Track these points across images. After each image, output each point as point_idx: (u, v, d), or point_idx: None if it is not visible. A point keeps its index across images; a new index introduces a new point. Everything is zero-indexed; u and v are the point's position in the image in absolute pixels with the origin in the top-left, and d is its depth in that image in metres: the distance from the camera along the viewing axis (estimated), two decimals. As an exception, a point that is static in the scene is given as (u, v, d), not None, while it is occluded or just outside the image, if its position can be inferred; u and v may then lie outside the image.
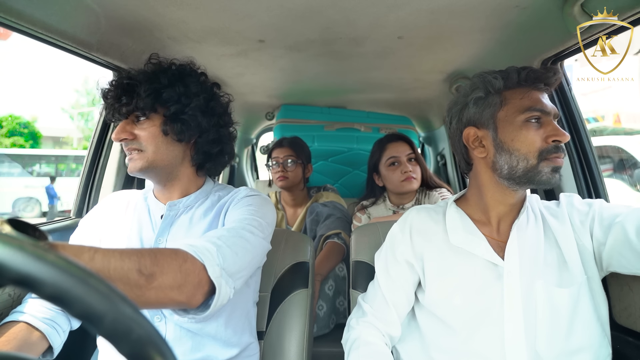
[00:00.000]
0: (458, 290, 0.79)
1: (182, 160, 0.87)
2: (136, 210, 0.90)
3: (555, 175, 0.75)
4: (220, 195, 0.91)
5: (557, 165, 0.74)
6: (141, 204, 0.92)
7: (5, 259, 0.23)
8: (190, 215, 0.87)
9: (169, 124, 0.82)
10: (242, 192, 0.89)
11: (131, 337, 0.26)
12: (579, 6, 0.88)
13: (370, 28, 1.12)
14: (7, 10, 0.77)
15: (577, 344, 0.72)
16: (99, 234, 0.88)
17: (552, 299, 0.73)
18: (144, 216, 0.89)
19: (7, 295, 0.87)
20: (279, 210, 1.86)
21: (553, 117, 0.77)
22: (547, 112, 0.76)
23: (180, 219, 0.87)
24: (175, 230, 0.85)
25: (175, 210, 0.87)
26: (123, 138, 0.81)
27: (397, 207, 1.61)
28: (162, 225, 0.85)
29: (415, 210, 0.91)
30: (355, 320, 0.87)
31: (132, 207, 0.92)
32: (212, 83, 0.92)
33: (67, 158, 11.67)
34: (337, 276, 1.52)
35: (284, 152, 1.74)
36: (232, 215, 0.82)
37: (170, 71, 0.84)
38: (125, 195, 0.96)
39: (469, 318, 0.77)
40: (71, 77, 19.59)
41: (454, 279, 0.80)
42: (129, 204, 0.93)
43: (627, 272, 0.73)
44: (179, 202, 0.88)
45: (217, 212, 0.87)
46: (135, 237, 0.85)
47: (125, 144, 0.83)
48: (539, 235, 0.79)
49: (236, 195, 0.89)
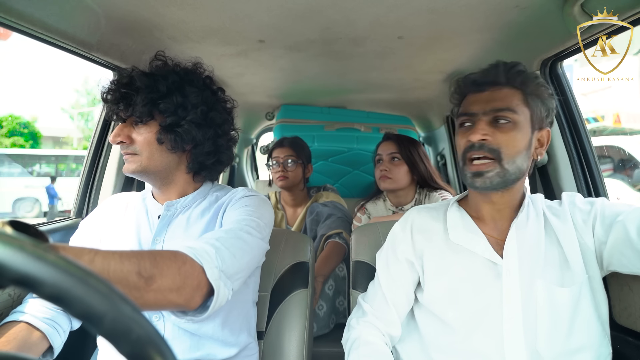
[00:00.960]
0: (457, 289, 0.79)
1: (177, 166, 0.87)
2: (134, 211, 0.91)
3: (476, 179, 0.76)
4: (218, 196, 0.91)
5: (473, 170, 0.76)
6: (139, 205, 0.92)
7: (6, 259, 0.23)
8: (187, 215, 0.87)
9: (163, 133, 0.81)
10: (240, 192, 0.89)
11: (131, 337, 0.26)
12: (579, 6, 0.88)
13: (370, 28, 1.12)
14: (7, 10, 0.77)
15: (578, 343, 0.72)
16: (99, 235, 0.89)
17: (553, 298, 0.73)
18: (142, 216, 0.89)
19: (7, 295, 0.87)
20: (279, 210, 1.86)
21: (485, 113, 0.76)
22: (473, 113, 0.77)
23: (177, 219, 0.87)
24: (173, 230, 0.85)
25: (173, 210, 0.87)
26: (119, 141, 0.81)
27: (397, 207, 1.62)
28: (159, 225, 0.85)
29: (417, 209, 0.92)
30: (355, 320, 0.87)
31: (130, 209, 0.92)
32: (217, 88, 0.91)
33: (67, 158, 11.67)
34: (337, 276, 1.52)
35: (285, 152, 1.74)
36: (230, 216, 0.82)
37: (172, 77, 0.82)
38: (125, 197, 0.97)
39: (467, 316, 0.77)
40: (71, 77, 19.61)
41: (453, 277, 0.80)
42: (128, 205, 0.93)
43: (628, 272, 0.73)
44: (177, 202, 0.88)
45: (215, 213, 0.87)
46: (133, 238, 0.86)
47: (121, 147, 0.83)
48: (539, 233, 0.79)
49: (234, 195, 0.89)
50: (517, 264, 0.76)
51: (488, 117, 0.77)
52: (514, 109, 0.75)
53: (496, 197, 0.80)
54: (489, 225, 0.82)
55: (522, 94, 0.77)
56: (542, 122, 0.79)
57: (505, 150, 0.74)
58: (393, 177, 1.55)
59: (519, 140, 0.75)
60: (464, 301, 0.78)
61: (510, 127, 0.75)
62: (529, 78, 0.78)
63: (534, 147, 0.78)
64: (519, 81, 0.77)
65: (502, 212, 0.81)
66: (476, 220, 0.83)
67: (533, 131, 0.78)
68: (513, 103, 0.76)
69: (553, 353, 0.71)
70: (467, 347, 0.76)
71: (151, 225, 0.88)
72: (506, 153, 0.74)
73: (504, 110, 0.75)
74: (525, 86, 0.77)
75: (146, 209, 0.90)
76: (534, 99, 0.77)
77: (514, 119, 0.75)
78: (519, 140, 0.75)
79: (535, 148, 0.79)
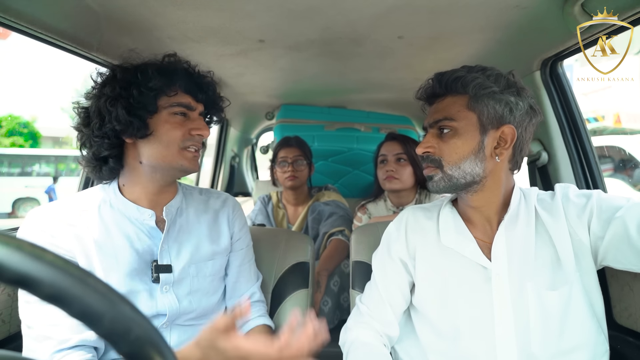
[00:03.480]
0: (447, 293, 0.78)
1: None
2: (114, 224, 0.78)
3: (428, 183, 0.80)
4: (204, 200, 0.92)
5: (426, 174, 0.81)
6: (107, 211, 0.79)
7: (3, 259, 0.23)
8: (184, 217, 0.87)
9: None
10: (242, 214, 0.98)
11: (130, 337, 0.26)
12: (579, 6, 0.87)
13: (370, 28, 1.12)
14: (6, 10, 0.77)
15: (572, 343, 0.71)
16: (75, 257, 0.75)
17: (543, 301, 0.72)
18: (128, 227, 0.79)
19: (7, 295, 0.87)
20: (280, 209, 1.87)
21: (431, 126, 0.80)
22: (424, 127, 0.83)
23: (177, 222, 0.85)
24: (177, 235, 0.84)
25: (171, 214, 0.84)
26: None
27: (397, 207, 1.62)
28: (166, 233, 0.81)
29: (412, 209, 0.91)
30: (352, 321, 0.87)
31: (93, 219, 0.77)
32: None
33: (67, 158, 11.66)
34: (342, 272, 1.53)
35: (293, 151, 1.75)
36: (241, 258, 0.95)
37: None
38: (61, 209, 0.77)
39: (459, 320, 0.76)
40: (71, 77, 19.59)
41: (443, 280, 0.79)
42: (80, 217, 0.77)
43: (621, 267, 0.72)
44: (171, 206, 0.84)
45: (213, 219, 0.90)
46: (126, 251, 0.77)
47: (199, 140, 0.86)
48: (529, 234, 0.77)
49: (237, 214, 0.95)
50: (506, 267, 0.75)
51: (434, 129, 0.79)
52: (453, 117, 0.76)
53: (471, 200, 0.80)
54: (478, 227, 0.81)
55: (468, 99, 0.76)
56: (501, 119, 0.74)
57: (447, 158, 0.76)
58: (400, 178, 1.55)
59: (460, 146, 0.75)
60: (454, 305, 0.77)
61: (451, 135, 0.76)
62: (468, 81, 0.75)
63: (490, 148, 0.75)
64: (460, 86, 0.76)
65: (485, 213, 0.80)
66: (467, 222, 0.82)
67: (485, 132, 0.75)
68: (453, 111, 0.76)
69: (547, 354, 0.71)
70: (460, 350, 0.75)
71: (148, 234, 0.80)
72: (447, 160, 0.76)
73: (442, 120, 0.77)
74: (466, 90, 0.76)
75: (128, 218, 0.80)
76: (480, 100, 0.74)
77: (453, 126, 0.76)
78: (460, 146, 0.75)
79: (495, 147, 0.75)
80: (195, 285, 0.83)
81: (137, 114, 0.75)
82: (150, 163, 0.79)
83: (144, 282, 0.78)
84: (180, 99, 0.80)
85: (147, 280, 0.78)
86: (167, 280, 0.79)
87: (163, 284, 0.79)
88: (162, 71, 0.78)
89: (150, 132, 0.77)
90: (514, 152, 0.78)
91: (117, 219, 0.79)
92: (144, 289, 0.77)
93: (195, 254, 0.84)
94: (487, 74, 0.76)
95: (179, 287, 0.81)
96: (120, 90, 0.75)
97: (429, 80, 0.83)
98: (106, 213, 0.79)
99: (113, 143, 0.76)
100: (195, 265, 0.84)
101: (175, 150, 0.79)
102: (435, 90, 0.81)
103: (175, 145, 0.79)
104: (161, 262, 0.79)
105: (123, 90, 0.75)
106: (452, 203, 0.88)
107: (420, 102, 0.87)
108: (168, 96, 0.78)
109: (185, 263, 0.82)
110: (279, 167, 1.77)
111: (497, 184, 0.78)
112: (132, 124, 0.75)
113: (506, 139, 0.75)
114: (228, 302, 0.93)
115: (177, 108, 0.79)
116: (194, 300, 0.82)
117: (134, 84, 0.75)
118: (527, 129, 0.77)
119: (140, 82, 0.75)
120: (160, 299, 0.78)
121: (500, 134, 0.75)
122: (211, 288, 0.87)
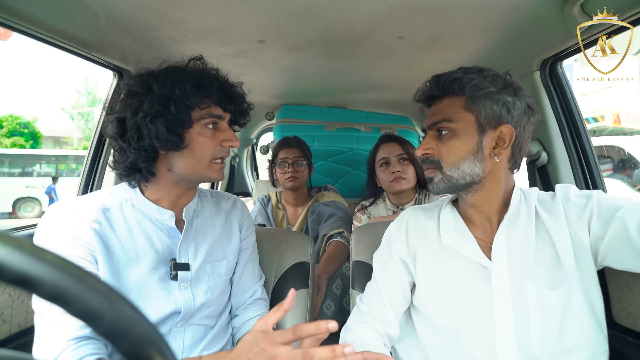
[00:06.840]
0: (448, 292, 0.79)
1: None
2: (136, 223, 0.80)
3: (429, 185, 0.81)
4: (216, 202, 0.95)
5: (426, 176, 0.82)
6: (130, 211, 0.81)
7: (4, 259, 0.23)
8: (200, 218, 0.89)
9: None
10: (249, 215, 1.01)
11: (130, 337, 0.26)
12: (579, 6, 0.88)
13: (370, 28, 1.12)
14: (7, 10, 0.78)
15: (572, 342, 0.71)
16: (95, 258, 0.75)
17: (543, 300, 0.72)
18: (149, 227, 0.81)
19: (7, 295, 0.87)
20: (280, 210, 1.86)
21: (430, 127, 0.81)
22: (423, 129, 0.84)
23: (193, 223, 0.87)
24: (194, 236, 0.86)
25: (189, 215, 0.86)
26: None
27: (397, 207, 1.62)
28: (185, 234, 0.83)
29: (413, 209, 0.91)
30: (352, 321, 0.87)
31: (116, 219, 0.79)
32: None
33: (67, 158, 11.68)
34: (344, 275, 1.52)
35: (293, 152, 1.75)
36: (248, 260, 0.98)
37: None
38: (83, 207, 0.77)
39: (459, 320, 0.76)
40: (71, 77, 19.61)
41: (443, 280, 0.80)
42: (106, 219, 0.78)
43: (620, 268, 0.72)
44: (189, 208, 0.86)
45: (225, 221, 0.94)
46: (147, 249, 0.78)
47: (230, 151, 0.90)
48: (530, 233, 0.77)
49: (245, 215, 0.99)
50: (506, 266, 0.75)
51: (432, 131, 0.80)
52: (451, 118, 0.76)
53: (471, 200, 0.80)
54: (479, 227, 0.81)
55: (465, 100, 0.76)
56: (498, 119, 0.74)
57: (446, 159, 0.77)
58: (407, 177, 1.55)
59: (459, 147, 0.75)
60: (455, 305, 0.77)
61: (450, 136, 0.76)
62: (465, 82, 0.75)
63: (489, 148, 0.75)
64: (457, 88, 0.76)
65: (485, 213, 0.80)
66: (467, 222, 0.82)
67: (483, 133, 0.75)
68: (451, 112, 0.76)
69: (547, 353, 0.71)
70: (460, 349, 0.75)
71: (167, 233, 0.82)
72: (446, 162, 0.77)
73: (440, 122, 0.78)
74: (464, 91, 0.76)
75: (150, 219, 0.81)
76: (477, 101, 0.74)
77: (452, 127, 0.76)
78: (459, 147, 0.75)
79: (494, 147, 0.75)
80: (212, 284, 0.86)
81: (176, 131, 0.76)
82: (180, 173, 0.80)
83: (162, 279, 0.79)
84: (212, 111, 0.81)
85: (166, 278, 0.80)
86: (184, 278, 0.81)
87: (181, 282, 0.81)
88: (198, 86, 0.79)
89: (185, 146, 0.78)
90: (513, 152, 0.78)
91: (138, 218, 0.80)
92: (162, 287, 0.79)
93: (210, 253, 0.87)
94: (483, 75, 0.76)
95: (196, 285, 0.83)
96: (159, 107, 0.75)
97: (426, 82, 0.83)
98: (128, 212, 0.80)
99: (150, 156, 0.78)
100: (210, 265, 0.87)
101: (206, 163, 0.81)
102: (433, 92, 0.81)
103: (207, 159, 0.81)
104: (179, 261, 0.82)
105: (161, 107, 0.75)
106: (453, 203, 0.88)
107: (419, 104, 0.87)
108: (200, 109, 0.80)
109: (202, 262, 0.85)
110: (278, 167, 1.77)
111: (496, 184, 0.78)
112: (172, 141, 0.76)
113: (504, 138, 0.75)
114: (232, 300, 0.95)
115: (209, 119, 0.81)
116: (209, 299, 0.84)
117: (172, 101, 0.76)
118: (525, 128, 0.77)
119: (178, 99, 0.76)
120: (178, 296, 0.80)
121: (498, 133, 0.75)
122: (225, 287, 0.90)
